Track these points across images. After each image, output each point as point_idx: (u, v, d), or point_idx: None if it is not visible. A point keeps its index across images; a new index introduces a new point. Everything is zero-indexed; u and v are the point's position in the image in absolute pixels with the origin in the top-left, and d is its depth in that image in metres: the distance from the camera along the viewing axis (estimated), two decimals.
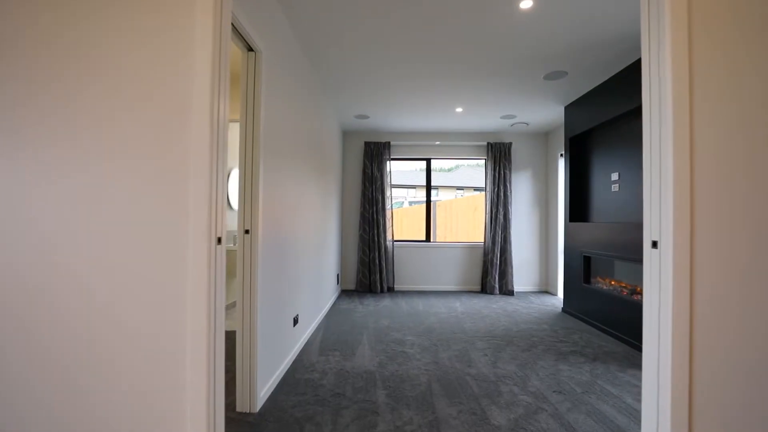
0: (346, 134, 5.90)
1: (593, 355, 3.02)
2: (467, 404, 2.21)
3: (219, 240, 1.21)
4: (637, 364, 2.85)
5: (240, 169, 2.11)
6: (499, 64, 3.34)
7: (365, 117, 5.02)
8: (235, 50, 2.91)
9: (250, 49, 2.13)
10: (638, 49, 3.02)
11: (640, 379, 2.58)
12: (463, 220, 7.37)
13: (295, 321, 2.94)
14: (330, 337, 3.43)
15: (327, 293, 4.44)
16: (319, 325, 3.81)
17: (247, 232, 2.07)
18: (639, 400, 2.28)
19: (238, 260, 2.07)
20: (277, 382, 2.45)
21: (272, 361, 2.40)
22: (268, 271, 2.29)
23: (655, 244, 1.19)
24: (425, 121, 5.22)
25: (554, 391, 2.38)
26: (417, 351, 3.09)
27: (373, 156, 5.71)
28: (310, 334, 3.45)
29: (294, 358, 2.86)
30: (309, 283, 3.44)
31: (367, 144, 5.73)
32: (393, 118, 5.06)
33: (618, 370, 2.75)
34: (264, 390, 2.23)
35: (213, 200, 1.20)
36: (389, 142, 5.72)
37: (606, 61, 3.23)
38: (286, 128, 2.67)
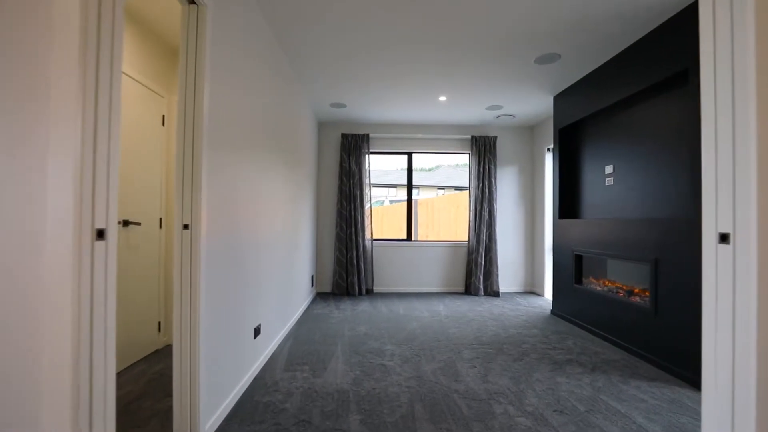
0: (322, 125, 5.50)
1: (591, 365, 2.74)
2: (456, 431, 1.87)
3: (100, 233, 0.82)
4: (640, 374, 2.58)
5: (177, 152, 1.70)
6: (488, 46, 3.02)
7: (342, 105, 4.64)
8: (173, 3, 2.48)
9: (192, 1, 1.72)
10: (636, 29, 2.76)
11: (645, 392, 2.31)
12: (445, 219, 7.09)
13: (257, 332, 2.54)
14: (299, 348, 3.04)
15: (299, 298, 4.03)
16: (287, 334, 3.40)
17: (186, 227, 1.67)
18: (650, 419, 1.99)
19: (175, 261, 1.66)
20: (230, 408, 2.04)
21: (224, 382, 1.99)
22: (216, 275, 1.89)
23: (724, 238, 0.88)
24: (406, 112, 4.88)
25: (555, 411, 2.07)
26: (397, 363, 2.73)
27: (351, 149, 5.33)
28: (276, 346, 3.04)
29: (254, 375, 2.46)
30: (275, 287, 3.03)
31: (344, 136, 5.34)
32: (372, 107, 4.70)
33: (620, 381, 2.47)
34: (212, 420, 1.82)
35: (87, 179, 0.81)
36: (368, 134, 5.35)
37: (603, 41, 2.95)
38: (243, 110, 2.27)
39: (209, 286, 1.80)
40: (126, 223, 2.55)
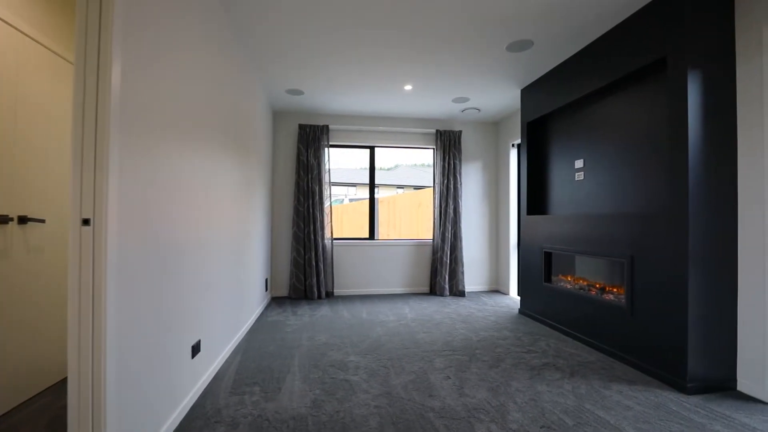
0: (278, 114, 5.05)
1: (569, 369, 2.58)
2: None
3: None
4: (619, 377, 2.45)
5: (74, 127, 1.28)
6: (459, 29, 2.78)
7: (299, 92, 4.24)
8: None
9: None
10: (613, 14, 2.64)
11: (629, 398, 2.16)
12: (407, 217, 6.88)
13: (195, 350, 2.12)
14: (249, 364, 2.63)
15: (250, 304, 3.60)
16: (236, 347, 2.97)
17: (86, 222, 1.25)
18: (641, 429, 1.83)
19: (70, 265, 1.24)
20: None
21: (146, 419, 1.58)
22: (135, 282, 1.47)
23: None
24: (369, 102, 4.57)
25: (542, 427, 1.85)
26: (363, 377, 2.41)
27: (309, 141, 4.93)
28: (222, 363, 2.61)
29: (192, 403, 2.04)
30: (221, 294, 2.61)
31: (301, 127, 4.93)
32: (332, 95, 4.34)
33: (602, 386, 2.31)
34: None
35: None
36: (327, 126, 4.97)
37: (578, 26, 2.81)
38: (178, 89, 1.85)
39: (123, 298, 1.38)
40: (23, 219, 2.03)
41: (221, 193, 2.61)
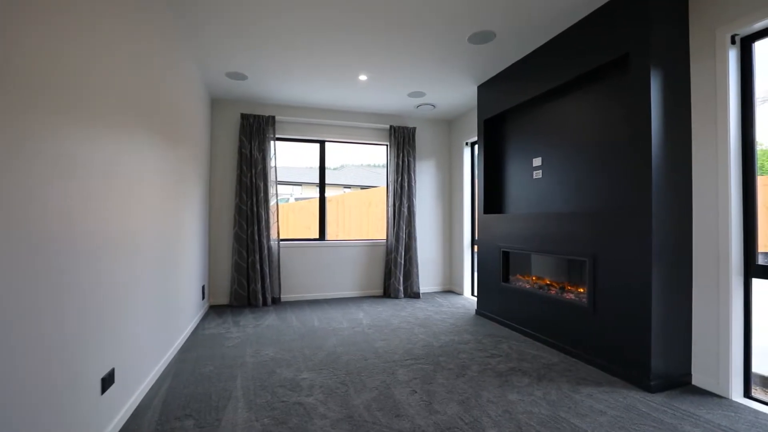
0: (217, 102, 4.52)
1: (536, 373, 2.48)
2: None
3: None
4: (585, 379, 2.39)
5: None
6: (419, 15, 2.58)
7: (242, 77, 3.80)
8: None
9: None
10: (579, 7, 2.59)
11: (599, 401, 2.09)
12: (356, 217, 6.62)
13: (107, 382, 1.68)
14: (181, 391, 2.21)
15: (183, 316, 3.11)
16: (165, 370, 2.52)
17: None
18: None
19: None
20: None
21: None
22: (1, 301, 1.06)
23: None
24: (321, 92, 4.24)
25: None
26: (319, 398, 2.11)
27: (253, 133, 4.48)
28: (146, 392, 2.16)
29: None
30: (143, 308, 2.16)
31: (244, 117, 4.46)
32: (280, 82, 3.95)
33: (571, 390, 2.23)
34: None
35: None
36: (274, 117, 4.56)
37: (542, 20, 2.74)
38: (73, 57, 1.42)
39: None
40: None
41: (141, 186, 2.16)
